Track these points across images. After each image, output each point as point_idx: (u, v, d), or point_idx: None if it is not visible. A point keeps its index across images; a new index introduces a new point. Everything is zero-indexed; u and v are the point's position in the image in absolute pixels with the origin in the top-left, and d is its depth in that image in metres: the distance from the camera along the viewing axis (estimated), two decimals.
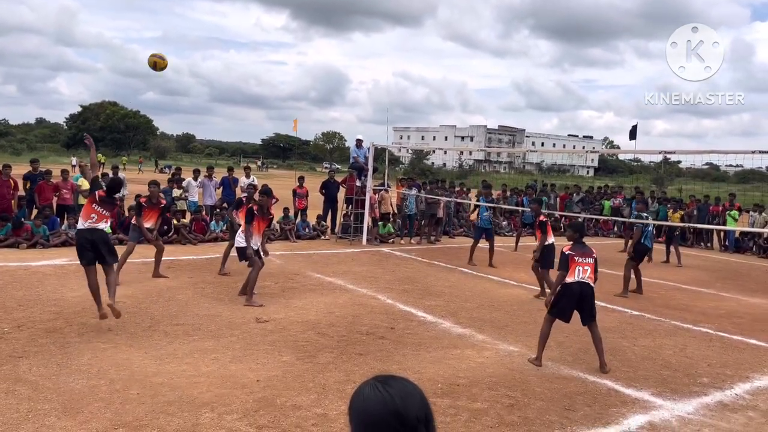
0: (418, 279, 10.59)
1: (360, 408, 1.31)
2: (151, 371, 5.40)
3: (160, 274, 9.49)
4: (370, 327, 7.26)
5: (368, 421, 1.29)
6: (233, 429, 4.35)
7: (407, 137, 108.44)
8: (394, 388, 1.31)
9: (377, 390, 1.31)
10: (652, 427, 4.87)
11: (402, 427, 1.26)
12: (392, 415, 1.27)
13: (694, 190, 31.08)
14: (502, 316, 8.27)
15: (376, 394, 1.30)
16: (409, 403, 1.30)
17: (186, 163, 60.12)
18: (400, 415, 1.27)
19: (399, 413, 1.27)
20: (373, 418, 1.28)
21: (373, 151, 15.28)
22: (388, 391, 1.30)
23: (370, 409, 1.29)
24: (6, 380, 4.99)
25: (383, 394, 1.30)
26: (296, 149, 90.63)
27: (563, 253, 6.23)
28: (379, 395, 1.30)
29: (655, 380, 5.98)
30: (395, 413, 1.27)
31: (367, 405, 1.30)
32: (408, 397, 1.31)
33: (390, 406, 1.28)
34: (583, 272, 6.14)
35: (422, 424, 1.29)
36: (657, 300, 10.02)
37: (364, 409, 1.30)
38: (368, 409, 1.29)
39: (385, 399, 1.29)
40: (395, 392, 1.30)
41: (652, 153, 16.34)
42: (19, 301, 7.49)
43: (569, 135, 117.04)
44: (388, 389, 1.31)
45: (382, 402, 1.28)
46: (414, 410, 1.29)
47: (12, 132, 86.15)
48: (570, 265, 6.13)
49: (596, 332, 6.23)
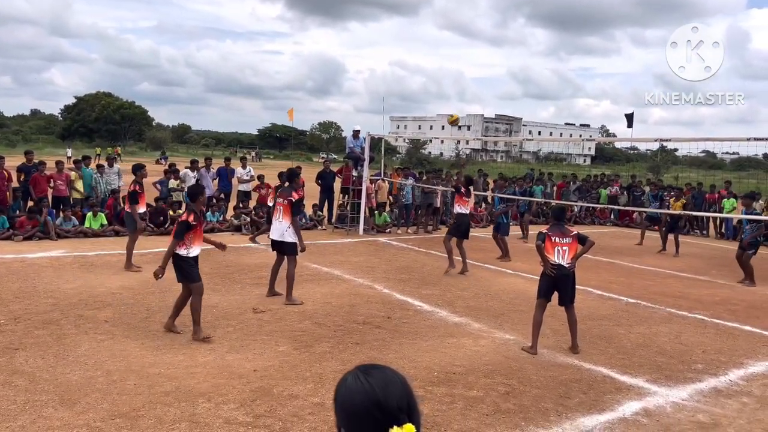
0: (415, 268, 10.60)
1: (343, 398, 1.32)
2: (148, 362, 5.41)
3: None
4: (367, 316, 7.28)
5: (350, 411, 1.30)
6: (230, 419, 4.37)
7: (404, 127, 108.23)
8: (375, 377, 1.32)
9: (359, 380, 1.31)
10: (646, 413, 4.91)
11: (383, 416, 1.27)
12: (373, 405, 1.27)
13: (691, 178, 31.14)
14: (498, 304, 8.30)
15: (357, 384, 1.31)
16: (389, 392, 1.30)
17: (182, 154, 59.94)
18: (381, 405, 1.27)
19: (380, 403, 1.28)
20: (354, 408, 1.29)
21: (369, 140, 15.25)
22: (369, 380, 1.31)
23: (352, 399, 1.30)
24: (3, 372, 5.00)
25: (364, 384, 1.30)
26: (293, 139, 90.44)
27: (541, 233, 6.43)
28: (360, 385, 1.30)
29: (650, 367, 6.02)
30: (376, 403, 1.28)
31: (349, 395, 1.31)
32: (389, 386, 1.31)
33: (371, 395, 1.28)
34: (562, 254, 6.26)
35: (404, 413, 1.29)
36: (652, 287, 10.06)
37: (346, 399, 1.31)
38: (350, 399, 1.30)
39: (366, 389, 1.29)
40: (376, 382, 1.30)
41: (649, 141, 16.33)
42: (16, 293, 7.49)
43: (566, 123, 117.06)
44: (369, 379, 1.31)
45: (362, 392, 1.29)
46: (395, 399, 1.29)
47: (7, 123, 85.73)
48: (546, 244, 6.28)
49: (572, 314, 6.36)
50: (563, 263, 6.25)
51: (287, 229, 7.79)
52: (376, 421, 1.26)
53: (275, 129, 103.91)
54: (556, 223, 6.58)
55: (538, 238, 6.43)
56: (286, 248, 7.86)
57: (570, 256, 6.29)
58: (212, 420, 4.33)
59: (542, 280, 6.40)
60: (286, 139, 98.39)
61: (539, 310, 6.32)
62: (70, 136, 75.47)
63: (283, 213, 7.85)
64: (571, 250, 6.30)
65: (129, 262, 9.28)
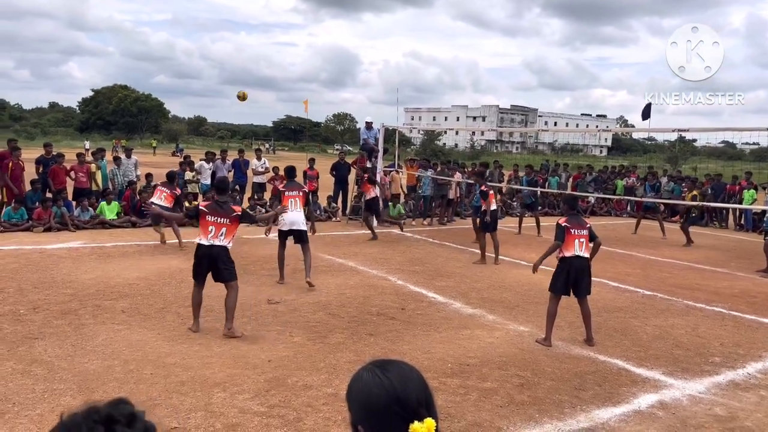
0: (429, 260, 10.59)
1: (360, 395, 1.30)
2: (164, 352, 5.47)
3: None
4: (381, 308, 7.29)
5: (369, 407, 1.28)
6: (245, 409, 4.40)
7: (418, 118, 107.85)
8: (392, 372, 1.30)
9: (376, 376, 1.30)
10: (662, 406, 4.87)
11: (404, 411, 1.25)
12: (393, 401, 1.26)
13: (710, 169, 30.69)
14: (512, 296, 8.26)
15: (375, 380, 1.29)
16: (409, 387, 1.29)
17: (198, 146, 60.28)
18: (401, 400, 1.26)
19: (400, 398, 1.26)
20: (374, 404, 1.27)
21: (383, 132, 15.20)
22: (387, 376, 1.29)
23: (371, 395, 1.28)
24: (22, 361, 5.08)
25: (382, 379, 1.28)
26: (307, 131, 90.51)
27: (559, 225, 6.32)
28: (379, 381, 1.28)
29: (667, 359, 5.96)
30: (396, 399, 1.26)
31: (367, 391, 1.29)
32: (407, 381, 1.30)
33: (390, 391, 1.27)
34: (580, 245, 6.22)
35: (423, 407, 1.28)
36: (669, 279, 9.95)
37: (364, 395, 1.29)
38: (369, 395, 1.28)
39: (385, 384, 1.28)
40: (394, 377, 1.29)
41: (667, 131, 16.12)
42: (35, 284, 7.60)
43: (582, 114, 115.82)
44: (387, 374, 1.29)
45: (381, 388, 1.27)
46: (414, 394, 1.28)
47: (26, 116, 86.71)
48: (567, 237, 6.21)
49: (587, 307, 6.33)
50: (582, 254, 6.21)
51: (303, 219, 8.43)
52: (397, 417, 1.25)
53: (290, 121, 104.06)
54: (573, 213, 6.52)
55: (557, 237, 6.31)
56: (305, 236, 8.45)
57: (587, 247, 6.24)
58: (227, 410, 4.37)
59: (560, 275, 6.31)
60: (300, 131, 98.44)
61: (554, 303, 6.29)
62: (87, 129, 76.25)
63: (300, 204, 8.41)
64: (587, 240, 6.26)
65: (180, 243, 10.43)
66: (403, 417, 1.25)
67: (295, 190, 8.50)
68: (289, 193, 8.45)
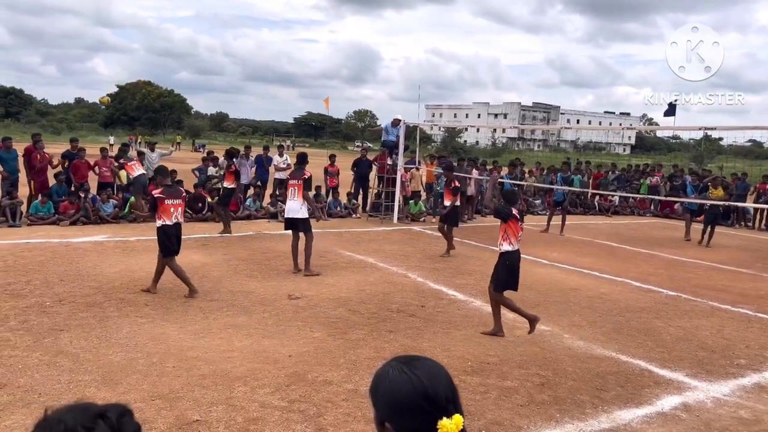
0: (449, 258, 10.56)
1: (388, 391, 1.29)
2: (187, 345, 5.53)
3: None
4: (401, 305, 7.29)
5: (398, 404, 1.27)
6: (266, 403, 4.44)
7: (439, 115, 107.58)
8: (420, 369, 1.30)
9: (404, 372, 1.29)
10: (686, 408, 4.80)
11: (432, 408, 1.25)
12: (422, 398, 1.26)
13: (736, 168, 30.15)
14: (534, 295, 8.20)
15: (403, 377, 1.28)
16: (437, 383, 1.28)
17: (220, 142, 60.79)
18: (430, 397, 1.26)
19: (429, 395, 1.26)
20: (403, 401, 1.26)
21: (404, 128, 15.19)
22: (415, 372, 1.28)
23: (399, 392, 1.27)
24: (48, 352, 5.18)
25: (411, 376, 1.28)
26: (328, 127, 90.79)
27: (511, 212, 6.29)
28: (407, 377, 1.28)
29: (691, 361, 5.88)
30: (425, 395, 1.26)
31: (395, 388, 1.28)
32: (435, 377, 1.29)
33: (419, 388, 1.26)
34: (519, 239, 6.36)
35: (451, 404, 1.28)
36: (694, 280, 9.80)
37: (392, 392, 1.28)
38: (397, 392, 1.27)
39: (414, 381, 1.27)
40: (422, 373, 1.28)
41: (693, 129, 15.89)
42: (61, 276, 7.73)
43: (605, 112, 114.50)
44: (415, 371, 1.29)
45: (410, 384, 1.27)
46: (442, 390, 1.28)
47: (52, 112, 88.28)
48: (511, 227, 6.28)
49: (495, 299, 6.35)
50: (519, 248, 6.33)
51: (301, 207, 8.55)
52: (425, 414, 1.25)
53: (311, 117, 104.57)
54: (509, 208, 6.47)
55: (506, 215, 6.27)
56: (300, 225, 8.60)
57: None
58: (248, 404, 4.41)
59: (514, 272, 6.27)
60: (321, 127, 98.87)
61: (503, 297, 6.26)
62: (112, 124, 77.38)
63: (297, 192, 8.54)
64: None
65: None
66: (431, 413, 1.24)
67: (295, 179, 8.66)
68: (291, 182, 8.68)
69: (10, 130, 42.76)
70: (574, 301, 7.98)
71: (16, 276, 7.63)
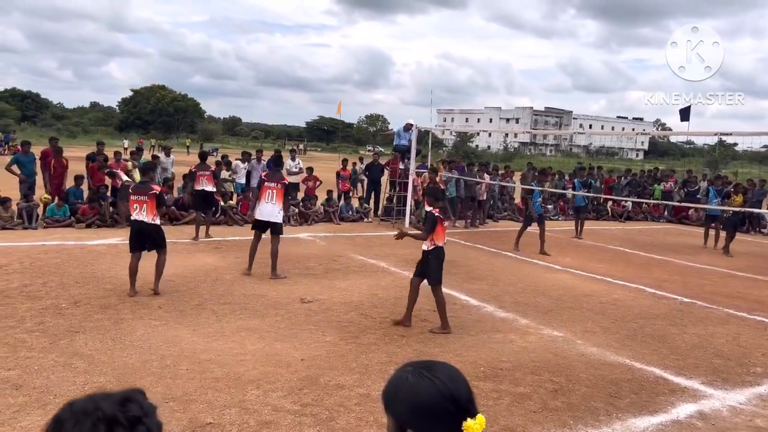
0: (461, 262, 10.53)
1: (411, 397, 1.29)
2: (200, 348, 5.56)
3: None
4: (413, 309, 7.27)
5: (422, 409, 1.27)
6: (278, 406, 4.45)
7: (451, 119, 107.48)
8: (441, 372, 1.31)
9: (426, 377, 1.30)
10: (701, 416, 4.75)
11: (457, 409, 1.27)
12: (448, 400, 1.27)
13: (751, 174, 29.85)
14: (546, 301, 8.16)
15: (426, 382, 1.29)
16: (459, 385, 1.31)
17: (232, 146, 61.13)
18: (455, 399, 1.28)
19: (454, 397, 1.28)
20: (427, 405, 1.27)
21: (416, 133, 15.19)
22: (437, 376, 1.30)
23: (423, 396, 1.28)
24: (64, 354, 5.22)
25: (433, 380, 1.29)
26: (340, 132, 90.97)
27: (432, 214, 6.46)
28: (430, 382, 1.29)
29: (706, 369, 5.82)
30: (450, 397, 1.27)
31: (418, 393, 1.28)
32: (456, 380, 1.31)
33: (443, 391, 1.28)
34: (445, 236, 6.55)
35: (472, 404, 1.30)
36: (709, 287, 9.71)
37: (415, 397, 1.28)
38: (420, 396, 1.28)
39: (437, 384, 1.28)
40: (444, 377, 1.30)
41: (707, 134, 15.74)
42: (76, 279, 7.80)
43: (618, 117, 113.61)
44: (437, 374, 1.30)
45: (434, 388, 1.28)
46: (464, 391, 1.30)
47: (68, 115, 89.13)
48: (438, 227, 6.41)
49: (440, 296, 6.52)
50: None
51: (279, 212, 8.58)
52: (450, 416, 1.26)
53: (323, 122, 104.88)
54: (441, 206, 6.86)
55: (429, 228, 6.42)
56: (276, 228, 8.58)
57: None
58: (261, 407, 4.42)
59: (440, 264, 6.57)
60: (333, 131, 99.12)
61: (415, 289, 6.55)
62: (126, 128, 78.08)
63: (276, 196, 8.52)
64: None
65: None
66: (456, 415, 1.26)
67: (273, 182, 8.59)
68: (269, 184, 8.58)
69: (26, 134, 43.33)
70: (587, 307, 7.93)
71: (33, 278, 7.71)
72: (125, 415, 1.01)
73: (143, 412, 1.04)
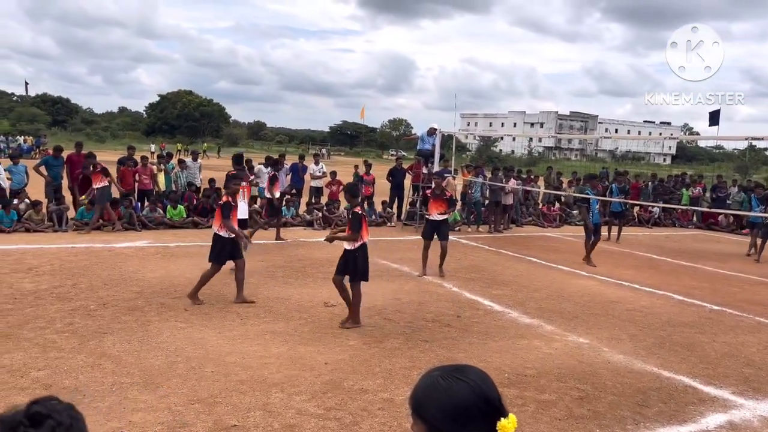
0: (485, 267, 10.47)
1: (445, 400, 1.30)
2: (225, 351, 5.60)
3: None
4: (436, 314, 7.26)
5: (458, 411, 1.29)
6: (302, 410, 4.46)
7: (474, 124, 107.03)
8: (471, 374, 1.33)
9: (458, 380, 1.31)
10: (732, 426, 4.65)
11: (490, 410, 1.29)
12: (482, 401, 1.29)
13: None
14: (572, 307, 8.07)
15: (459, 384, 1.30)
16: (489, 386, 1.33)
17: (257, 150, 61.70)
18: (489, 399, 1.30)
19: (487, 397, 1.30)
20: (462, 407, 1.29)
21: (439, 137, 15.16)
22: (470, 377, 1.32)
23: (458, 398, 1.29)
24: (92, 355, 5.31)
25: (466, 382, 1.31)
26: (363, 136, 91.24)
27: (357, 213, 6.63)
28: (463, 384, 1.30)
29: (736, 378, 5.69)
30: (484, 398, 1.29)
31: (452, 395, 1.30)
32: (486, 381, 1.33)
33: (477, 391, 1.30)
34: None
35: (502, 405, 1.32)
36: (739, 294, 9.50)
37: (450, 400, 1.29)
38: (455, 399, 1.29)
39: (471, 386, 1.30)
40: (476, 378, 1.32)
41: (738, 139, 15.41)
42: (105, 281, 7.93)
43: (645, 121, 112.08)
44: (469, 376, 1.32)
45: (468, 389, 1.30)
46: (495, 392, 1.33)
47: (97, 120, 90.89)
48: (363, 225, 6.67)
49: (359, 292, 6.61)
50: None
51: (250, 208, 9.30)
52: (484, 417, 1.28)
53: (346, 126, 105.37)
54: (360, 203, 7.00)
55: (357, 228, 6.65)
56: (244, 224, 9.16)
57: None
58: (284, 410, 4.44)
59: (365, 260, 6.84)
60: (356, 136, 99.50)
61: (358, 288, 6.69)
62: (153, 133, 79.32)
63: (247, 194, 9.24)
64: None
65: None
66: (490, 415, 1.28)
67: (243, 181, 9.07)
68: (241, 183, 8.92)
69: (57, 138, 44.27)
70: (613, 314, 7.82)
71: (63, 279, 7.86)
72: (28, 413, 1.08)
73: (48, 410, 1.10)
